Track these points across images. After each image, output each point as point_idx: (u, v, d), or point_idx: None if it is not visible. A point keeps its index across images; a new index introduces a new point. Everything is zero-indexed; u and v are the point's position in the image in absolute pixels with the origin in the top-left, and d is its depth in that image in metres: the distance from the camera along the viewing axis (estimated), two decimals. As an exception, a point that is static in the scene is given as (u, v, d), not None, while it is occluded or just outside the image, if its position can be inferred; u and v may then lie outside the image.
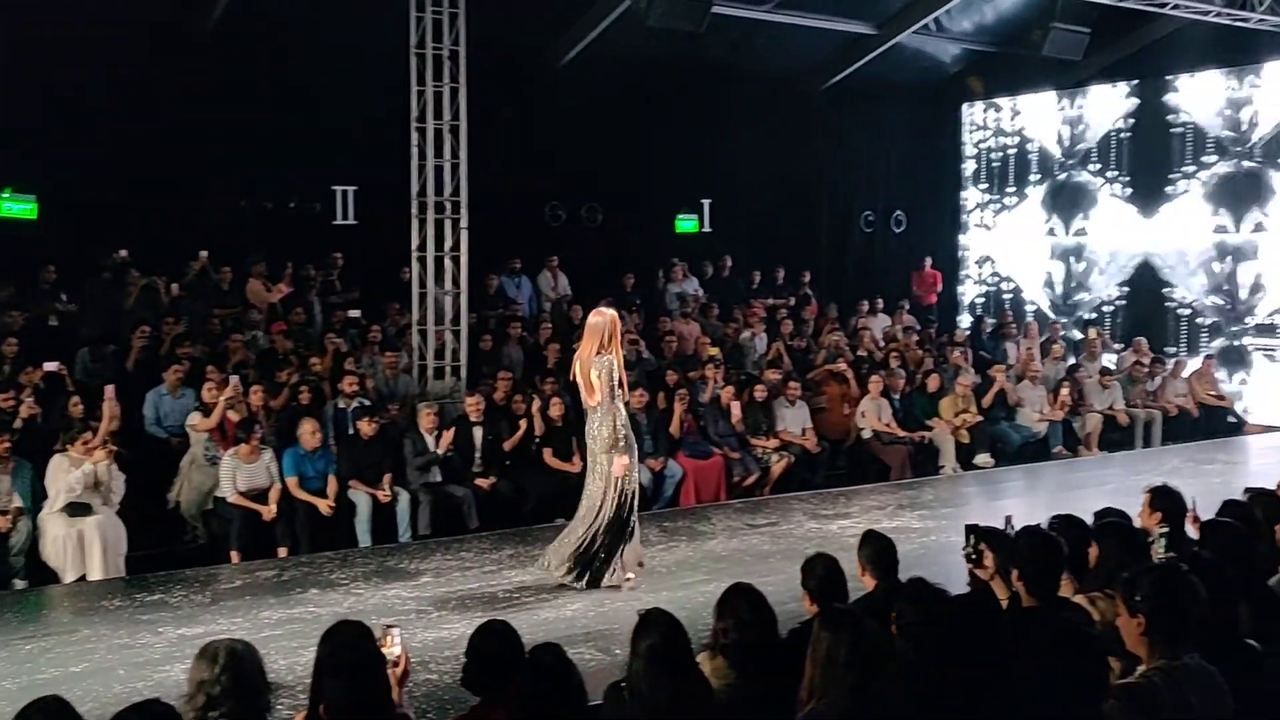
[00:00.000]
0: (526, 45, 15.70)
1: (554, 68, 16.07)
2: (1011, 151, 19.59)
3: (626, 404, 8.21)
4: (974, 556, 5.05)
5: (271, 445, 9.86)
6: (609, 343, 8.03)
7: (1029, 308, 19.21)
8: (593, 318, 8.20)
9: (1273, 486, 6.83)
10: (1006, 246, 19.72)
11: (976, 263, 20.25)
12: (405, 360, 12.34)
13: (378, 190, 14.20)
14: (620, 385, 8.03)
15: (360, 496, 9.86)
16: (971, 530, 5.13)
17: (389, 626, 4.26)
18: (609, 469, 7.97)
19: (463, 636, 4.45)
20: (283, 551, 9.36)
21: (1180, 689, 3.59)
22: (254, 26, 13.72)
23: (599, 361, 7.97)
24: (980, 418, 13.46)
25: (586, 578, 7.99)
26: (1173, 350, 16.81)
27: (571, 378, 8.49)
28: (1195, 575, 4.31)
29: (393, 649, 4.16)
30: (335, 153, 14.23)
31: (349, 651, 3.92)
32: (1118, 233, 18.08)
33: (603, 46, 15.65)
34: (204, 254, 13.49)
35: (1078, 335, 17.83)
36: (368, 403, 10.93)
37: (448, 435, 10.45)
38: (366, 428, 10.20)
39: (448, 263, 12.20)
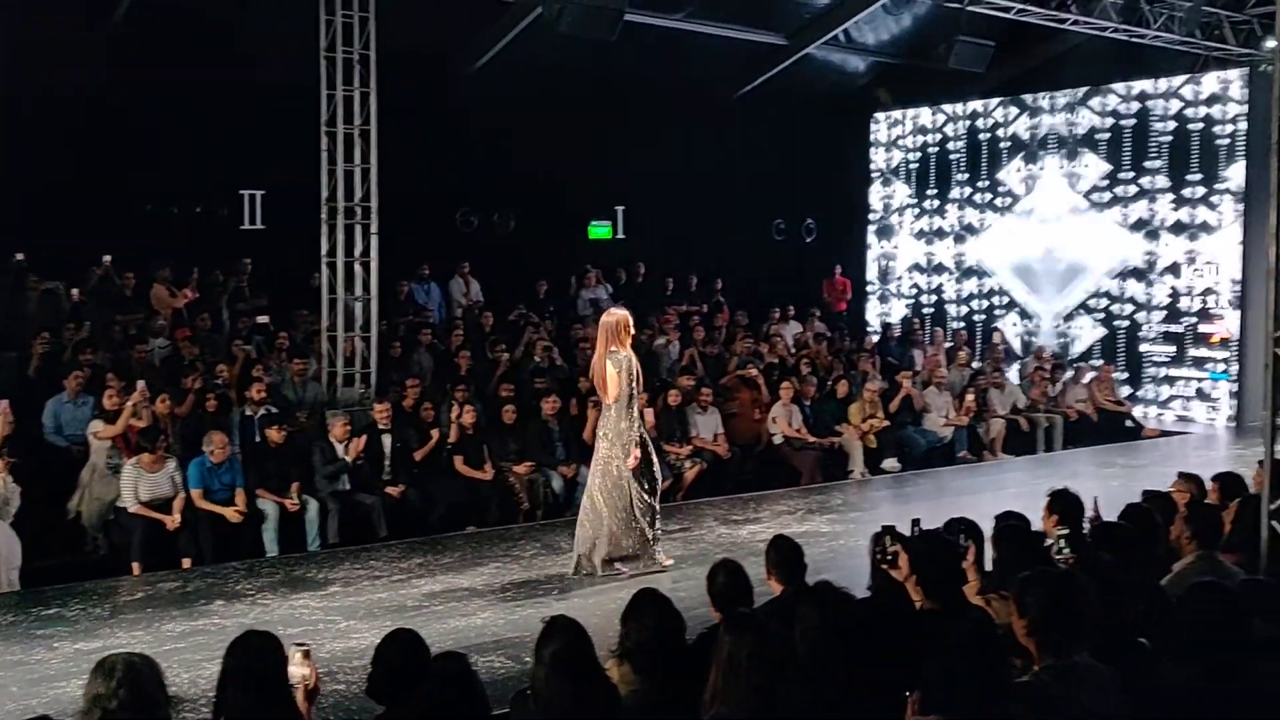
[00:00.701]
0: (438, 50, 15.63)
1: (466, 73, 16.01)
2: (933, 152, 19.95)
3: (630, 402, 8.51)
4: (889, 558, 5.13)
5: (176, 454, 9.67)
6: (619, 341, 8.41)
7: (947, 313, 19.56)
8: (604, 318, 8.62)
9: (1167, 489, 7.09)
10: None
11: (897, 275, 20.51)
12: (314, 367, 12.19)
13: (286, 195, 14.02)
14: (638, 381, 8.51)
15: (268, 505, 9.71)
16: (887, 531, 5.22)
17: (298, 645, 4.20)
18: (621, 462, 8.37)
19: (371, 646, 4.41)
20: (187, 562, 9.16)
21: (1070, 687, 3.69)
22: (159, 25, 13.46)
23: (615, 358, 8.38)
24: (888, 423, 13.69)
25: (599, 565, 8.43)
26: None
27: (591, 377, 8.91)
28: (1089, 576, 4.46)
29: (301, 669, 4.10)
30: (243, 156, 14.02)
31: (255, 663, 3.86)
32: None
33: (515, 53, 15.63)
34: (107, 258, 13.20)
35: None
36: (275, 410, 10.77)
37: (357, 443, 10.33)
38: (275, 435, 10.06)
39: (358, 269, 12.09)
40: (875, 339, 17.54)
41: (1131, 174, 17.17)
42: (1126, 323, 17.38)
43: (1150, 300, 17.10)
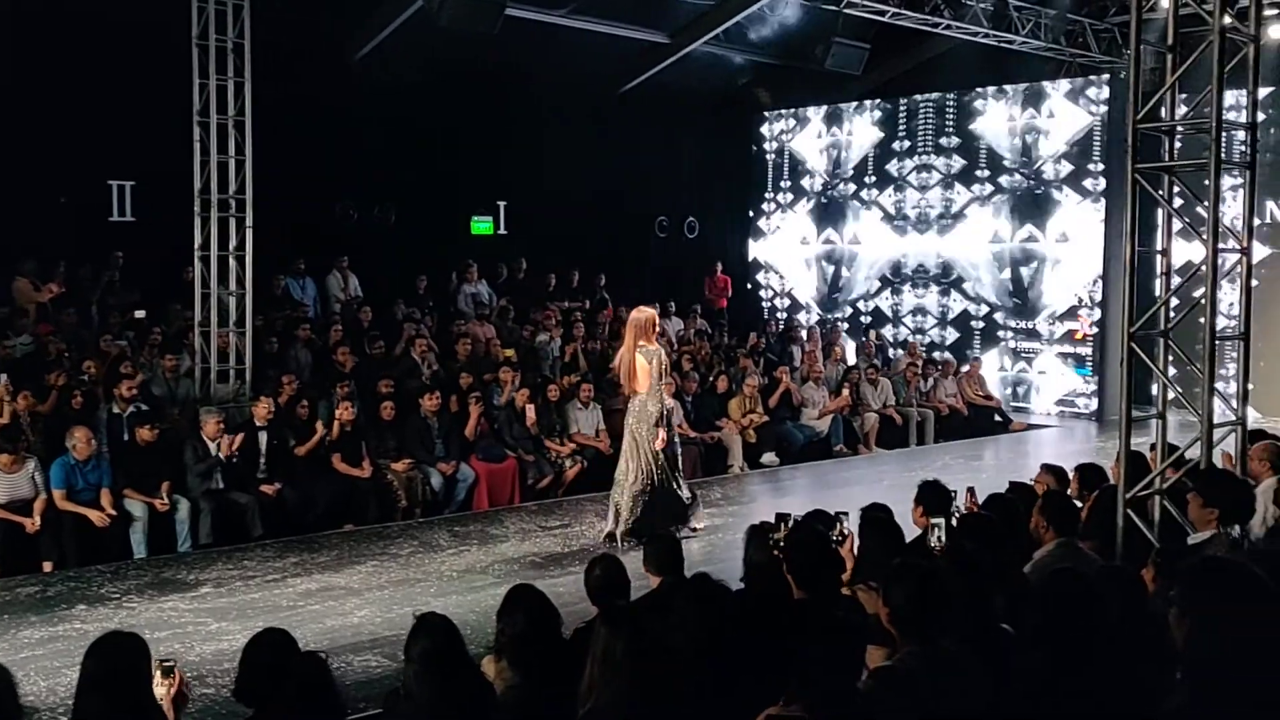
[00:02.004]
0: (317, 40, 15.32)
1: (346, 64, 15.74)
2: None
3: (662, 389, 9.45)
4: (782, 545, 5.21)
5: (38, 454, 9.33)
6: (647, 337, 9.31)
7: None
8: (633, 315, 9.58)
9: (1030, 481, 7.34)
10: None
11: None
12: (186, 363, 11.89)
13: (158, 186, 13.61)
14: (666, 373, 9.40)
15: (136, 505, 9.43)
16: (782, 520, 5.31)
17: (160, 661, 4.09)
18: (649, 443, 9.24)
19: (242, 648, 4.32)
20: (48, 566, 8.86)
21: (933, 671, 3.81)
22: (24, 8, 12.94)
23: (647, 351, 9.28)
24: (766, 418, 13.90)
25: (633, 537, 9.15)
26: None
27: (613, 372, 9.92)
28: (954, 565, 4.59)
29: (160, 688, 3.99)
30: (111, 146, 13.56)
31: (116, 666, 3.76)
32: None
33: (396, 44, 15.43)
34: (-36, 251, 12.67)
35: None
36: (145, 408, 10.47)
37: (229, 440, 10.09)
38: (145, 434, 9.77)
39: (232, 262, 11.82)
40: (761, 338, 17.66)
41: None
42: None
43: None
